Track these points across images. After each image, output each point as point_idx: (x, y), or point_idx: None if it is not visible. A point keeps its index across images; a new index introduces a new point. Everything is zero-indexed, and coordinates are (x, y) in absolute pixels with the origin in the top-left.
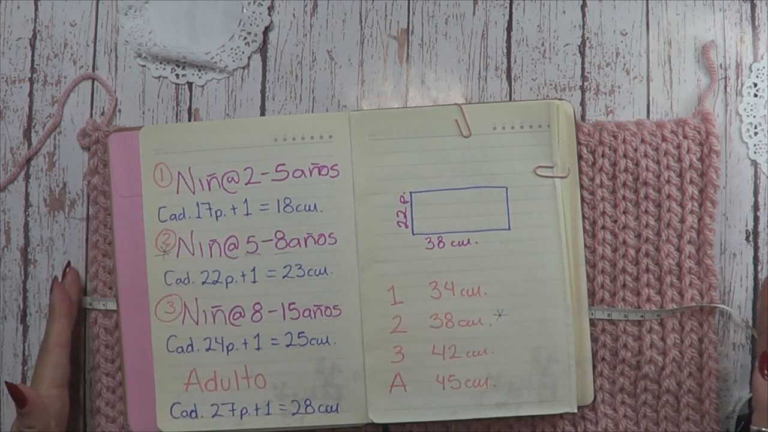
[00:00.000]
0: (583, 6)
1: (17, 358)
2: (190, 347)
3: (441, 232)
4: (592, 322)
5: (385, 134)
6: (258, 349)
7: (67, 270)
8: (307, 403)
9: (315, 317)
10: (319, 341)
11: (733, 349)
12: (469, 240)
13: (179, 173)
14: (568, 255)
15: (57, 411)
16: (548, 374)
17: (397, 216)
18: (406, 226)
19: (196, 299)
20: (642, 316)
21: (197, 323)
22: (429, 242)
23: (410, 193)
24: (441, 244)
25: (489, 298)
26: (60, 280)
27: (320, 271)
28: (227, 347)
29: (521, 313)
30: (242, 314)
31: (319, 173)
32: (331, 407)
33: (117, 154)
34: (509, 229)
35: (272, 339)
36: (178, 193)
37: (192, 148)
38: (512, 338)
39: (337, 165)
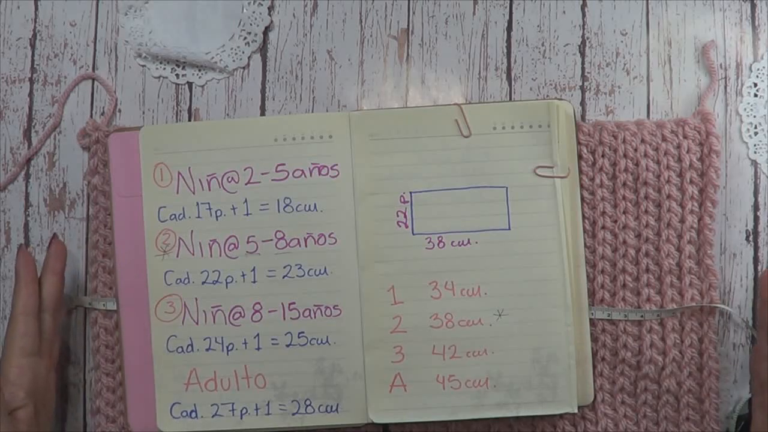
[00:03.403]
0: (583, 6)
1: None
2: (190, 347)
3: (441, 232)
4: (592, 322)
5: (385, 134)
6: (258, 349)
7: (52, 241)
8: (307, 403)
9: (315, 317)
10: (319, 341)
11: (733, 349)
12: (469, 240)
13: (179, 173)
14: (568, 255)
15: (29, 381)
16: (548, 374)
17: (397, 216)
18: (406, 226)
19: (196, 299)
20: (642, 316)
21: (197, 323)
22: (429, 242)
23: (410, 193)
24: (441, 244)
25: (489, 298)
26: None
27: (320, 271)
28: (227, 347)
29: (521, 313)
30: (242, 314)
31: (319, 173)
32: (331, 407)
33: (117, 154)
34: (509, 229)
35: (272, 339)
36: (178, 193)
37: (192, 148)
38: (512, 338)
39: (337, 165)
